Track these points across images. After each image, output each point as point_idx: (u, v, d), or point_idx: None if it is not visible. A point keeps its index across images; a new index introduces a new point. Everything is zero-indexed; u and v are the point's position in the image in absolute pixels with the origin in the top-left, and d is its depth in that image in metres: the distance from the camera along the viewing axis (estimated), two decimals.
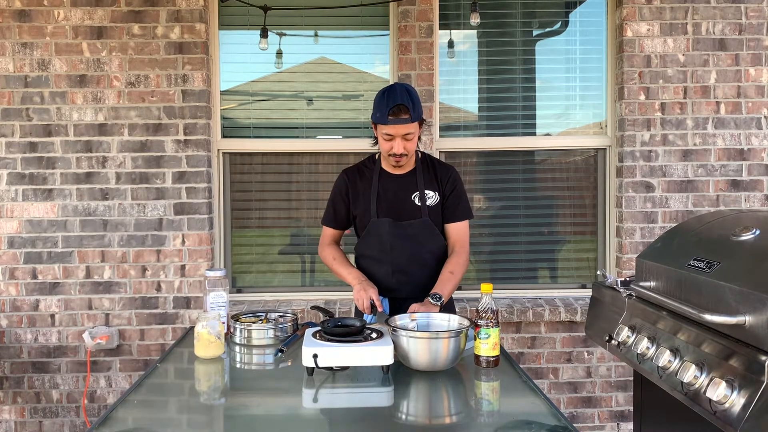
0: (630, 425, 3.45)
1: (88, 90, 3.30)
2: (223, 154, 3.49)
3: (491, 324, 1.86)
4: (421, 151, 2.44)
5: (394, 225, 2.32)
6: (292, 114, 3.56)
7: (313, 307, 2.53)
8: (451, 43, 3.57)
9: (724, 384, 1.38)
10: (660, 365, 1.64)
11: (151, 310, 3.35)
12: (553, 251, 3.63)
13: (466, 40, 3.61)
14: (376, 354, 1.75)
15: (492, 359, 1.88)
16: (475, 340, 1.89)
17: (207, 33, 3.36)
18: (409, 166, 2.38)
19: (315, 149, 3.54)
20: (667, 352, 1.63)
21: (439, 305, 2.17)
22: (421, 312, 2.08)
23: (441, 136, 3.51)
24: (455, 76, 3.57)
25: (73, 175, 3.32)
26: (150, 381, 1.85)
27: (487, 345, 1.87)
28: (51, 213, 3.32)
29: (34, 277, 3.33)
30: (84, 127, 3.31)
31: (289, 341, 2.10)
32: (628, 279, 2.11)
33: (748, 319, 1.43)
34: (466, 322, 1.92)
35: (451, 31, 3.56)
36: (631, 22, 3.36)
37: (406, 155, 2.27)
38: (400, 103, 2.16)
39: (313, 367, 1.75)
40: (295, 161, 3.55)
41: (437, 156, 3.45)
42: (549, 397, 1.66)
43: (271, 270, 3.59)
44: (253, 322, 2.21)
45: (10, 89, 3.29)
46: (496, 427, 1.52)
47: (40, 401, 3.38)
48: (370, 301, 2.20)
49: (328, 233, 2.50)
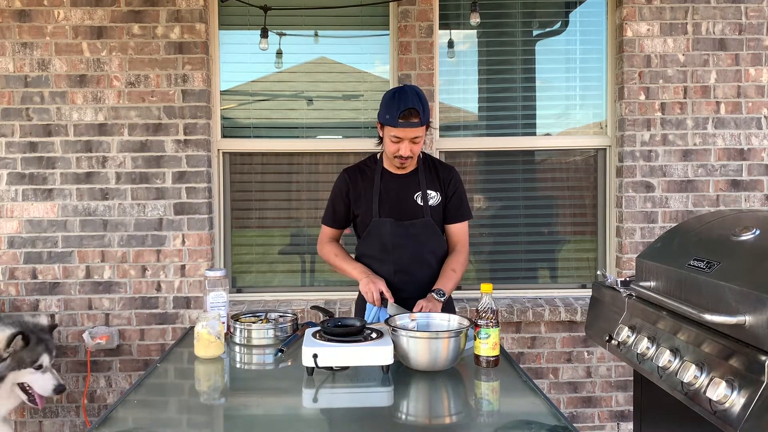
0: (630, 425, 3.45)
1: (88, 90, 3.30)
2: (223, 154, 3.49)
3: (491, 324, 1.86)
4: (422, 151, 2.44)
5: (395, 225, 2.32)
6: (292, 114, 3.56)
7: (313, 307, 2.53)
8: (451, 43, 3.57)
9: (724, 384, 1.38)
10: (660, 365, 1.64)
11: (151, 310, 3.35)
12: (553, 251, 3.63)
13: (466, 40, 3.61)
14: (376, 354, 1.75)
15: (492, 359, 1.88)
16: (475, 340, 1.89)
17: (207, 33, 3.36)
18: (412, 166, 2.38)
19: (315, 149, 3.54)
20: (667, 352, 1.63)
21: (442, 301, 2.19)
22: (427, 307, 2.10)
23: (441, 136, 3.51)
24: (455, 76, 3.57)
25: (73, 175, 3.32)
26: (150, 381, 1.85)
27: (487, 345, 1.87)
28: (51, 213, 3.32)
29: (34, 277, 3.33)
30: (84, 127, 3.31)
31: (289, 341, 2.11)
32: (628, 279, 2.11)
33: (748, 319, 1.43)
34: (466, 322, 1.92)
35: (451, 31, 3.56)
36: (631, 22, 3.36)
37: (411, 158, 2.27)
38: (411, 107, 2.14)
39: (313, 367, 1.75)
40: (295, 161, 3.55)
41: (437, 156, 3.45)
42: (549, 397, 1.66)
43: (271, 270, 3.59)
44: (253, 322, 2.21)
45: (10, 89, 3.29)
46: (496, 427, 1.52)
47: None
48: (380, 293, 2.19)
49: (327, 232, 2.49)
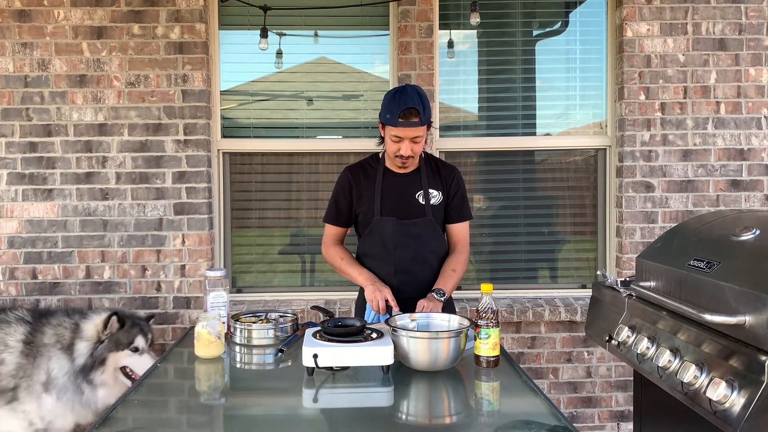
0: (630, 425, 3.45)
1: (88, 90, 3.30)
2: (223, 154, 3.49)
3: (491, 324, 1.87)
4: (423, 151, 2.44)
5: (397, 223, 2.32)
6: (292, 114, 3.56)
7: (313, 307, 2.53)
8: (451, 43, 3.57)
9: (724, 384, 1.38)
10: (660, 365, 1.64)
11: (151, 310, 3.35)
12: (553, 251, 3.63)
13: (466, 40, 3.61)
14: (376, 354, 1.75)
15: (492, 359, 1.88)
16: (475, 340, 1.89)
17: (207, 33, 3.36)
18: (413, 165, 2.38)
19: (315, 149, 3.54)
20: (667, 352, 1.63)
21: (442, 301, 2.19)
22: (428, 307, 2.11)
23: (441, 136, 3.51)
24: (455, 76, 3.57)
25: (73, 175, 3.32)
26: (150, 381, 1.85)
27: (487, 345, 1.87)
28: (51, 213, 3.32)
29: (34, 277, 3.33)
30: (84, 127, 3.31)
31: (289, 341, 2.11)
32: (628, 279, 2.11)
33: (748, 319, 1.43)
34: (466, 322, 1.92)
35: (451, 31, 3.56)
36: (631, 22, 3.36)
37: (413, 157, 2.27)
38: (411, 107, 2.14)
39: (313, 367, 1.75)
40: (295, 161, 3.55)
41: (437, 156, 3.45)
42: (549, 397, 1.66)
43: (271, 270, 3.59)
44: (253, 322, 2.21)
45: (10, 89, 3.29)
46: (496, 427, 1.52)
47: None
48: (386, 301, 2.18)
49: (331, 232, 2.48)
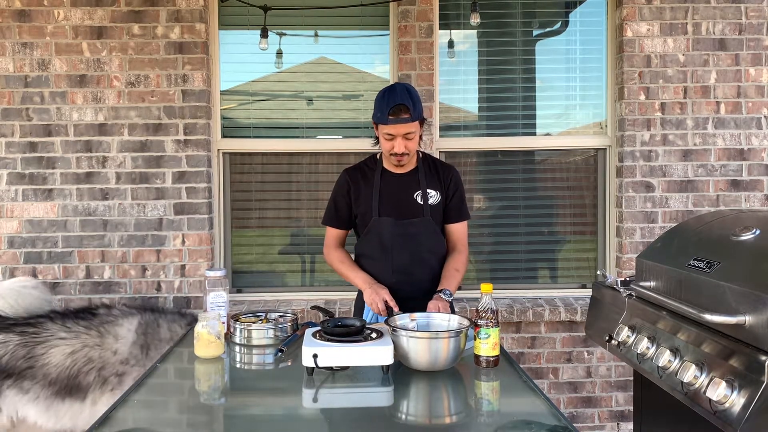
0: (630, 425, 3.45)
1: (88, 90, 3.30)
2: (223, 154, 3.49)
3: (491, 324, 1.86)
4: (421, 151, 2.45)
5: (395, 224, 2.32)
6: (292, 114, 3.56)
7: (313, 307, 2.53)
8: (451, 43, 3.57)
9: (724, 384, 1.38)
10: (660, 365, 1.64)
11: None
12: (553, 251, 3.63)
13: (466, 40, 3.61)
14: (376, 354, 1.75)
15: (492, 359, 1.88)
16: (475, 340, 1.89)
17: (207, 33, 3.36)
18: (411, 165, 2.39)
19: (315, 149, 3.54)
20: (667, 352, 1.63)
21: (449, 301, 2.20)
22: (441, 308, 2.11)
23: (441, 136, 3.52)
24: (455, 76, 3.57)
25: (73, 175, 3.32)
26: (150, 381, 1.85)
27: (487, 345, 1.87)
28: (51, 213, 3.32)
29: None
30: (84, 127, 3.31)
31: (289, 341, 2.10)
32: (628, 279, 2.11)
33: (748, 319, 1.43)
34: (466, 322, 1.92)
35: (451, 31, 3.56)
36: (631, 22, 3.36)
37: (408, 154, 2.28)
38: (400, 103, 2.17)
39: (313, 367, 1.75)
40: (295, 161, 3.55)
41: (437, 156, 3.45)
42: (549, 397, 1.66)
43: (271, 270, 3.59)
44: (253, 322, 2.21)
45: (10, 89, 3.29)
46: (496, 427, 1.52)
47: None
48: (385, 303, 2.18)
49: (332, 234, 2.48)
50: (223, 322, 2.20)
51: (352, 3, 3.40)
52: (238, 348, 2.16)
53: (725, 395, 1.37)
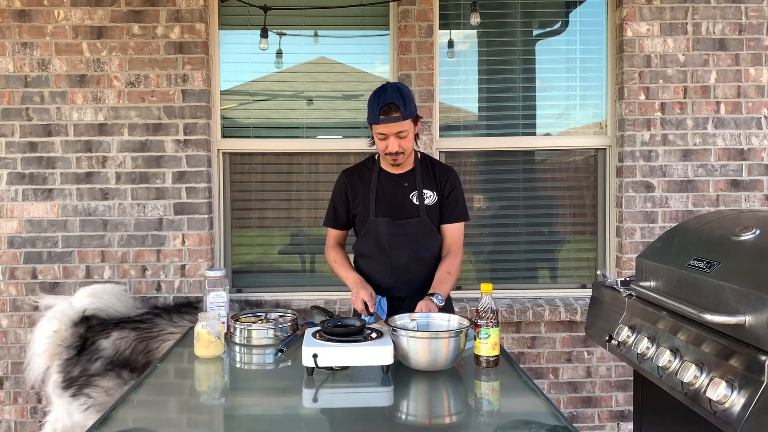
0: (630, 425, 3.45)
1: (88, 90, 3.30)
2: (223, 154, 3.49)
3: (491, 324, 1.86)
4: (420, 152, 2.45)
5: (392, 224, 2.33)
6: (292, 114, 3.56)
7: (313, 307, 2.54)
8: (451, 43, 3.57)
9: (724, 384, 1.38)
10: (660, 365, 1.64)
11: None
12: (553, 251, 3.63)
13: (466, 40, 3.61)
14: (376, 354, 1.75)
15: (492, 359, 1.88)
16: (475, 340, 1.89)
17: (207, 33, 3.36)
18: (408, 165, 2.39)
19: (315, 149, 3.54)
20: (667, 352, 1.63)
21: (440, 306, 2.18)
22: (426, 309, 2.10)
23: (441, 136, 3.51)
24: (455, 76, 3.57)
25: (73, 175, 3.32)
26: (150, 381, 1.85)
27: (487, 345, 1.87)
28: (51, 213, 3.32)
29: (34, 277, 3.33)
30: (84, 127, 3.31)
31: (289, 341, 2.11)
32: (628, 279, 2.11)
33: (748, 319, 1.43)
34: (466, 322, 1.92)
35: (451, 31, 3.56)
36: (631, 22, 3.36)
37: (403, 153, 2.28)
38: (390, 102, 2.17)
39: (313, 367, 1.75)
40: (295, 161, 3.55)
41: (437, 156, 3.45)
42: (549, 397, 1.66)
43: (271, 270, 3.59)
44: (253, 322, 2.21)
45: (10, 89, 3.29)
46: (496, 427, 1.52)
47: (40, 401, 3.38)
48: (364, 303, 2.20)
49: (332, 235, 2.51)
50: (223, 322, 2.20)
51: (352, 3, 3.40)
52: (238, 348, 2.16)
53: (725, 395, 1.37)
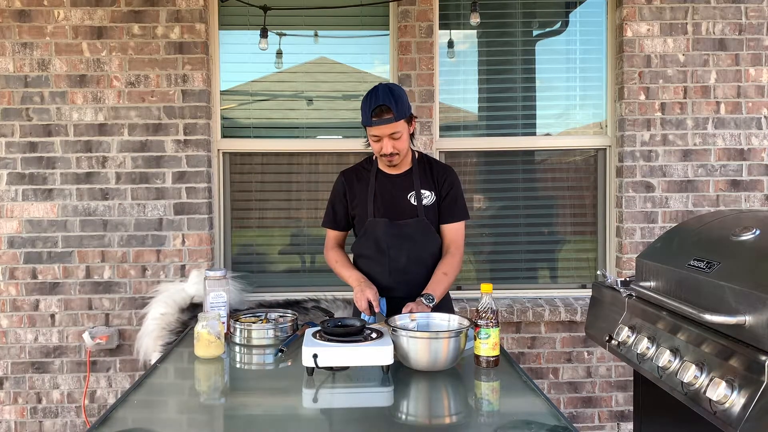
0: (630, 425, 3.45)
1: (88, 90, 3.30)
2: (223, 154, 3.49)
3: (491, 324, 1.86)
4: (418, 152, 2.44)
5: (390, 225, 2.32)
6: (292, 114, 3.56)
7: (313, 307, 2.53)
8: (451, 43, 3.57)
9: (724, 384, 1.38)
10: (660, 365, 1.64)
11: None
12: (553, 251, 3.63)
13: (466, 40, 3.61)
14: (376, 354, 1.75)
15: (492, 359, 1.88)
16: (475, 340, 1.89)
17: (207, 33, 3.36)
18: (405, 165, 2.38)
19: (315, 149, 3.54)
20: (667, 352, 1.63)
21: (430, 306, 2.17)
22: (415, 311, 2.08)
23: (441, 136, 3.51)
24: (455, 76, 3.57)
25: (73, 175, 3.32)
26: (150, 381, 1.85)
27: (487, 345, 1.87)
28: (51, 213, 3.32)
29: (34, 277, 3.33)
30: (84, 127, 3.31)
31: (289, 341, 2.11)
32: (628, 279, 2.11)
33: (748, 319, 1.43)
34: (466, 322, 1.92)
35: (451, 31, 3.56)
36: (631, 22, 3.36)
37: (398, 154, 2.27)
38: (381, 104, 2.16)
39: (313, 367, 1.75)
40: (295, 161, 3.55)
41: (437, 156, 3.45)
42: (549, 397, 1.66)
43: (271, 270, 3.59)
44: (253, 322, 2.21)
45: (10, 89, 3.29)
46: (496, 427, 1.52)
47: (40, 401, 3.38)
48: (368, 302, 2.20)
49: (331, 236, 2.50)
50: (223, 322, 2.20)
51: (352, 3, 3.40)
52: (238, 348, 2.16)
53: (725, 395, 1.37)
